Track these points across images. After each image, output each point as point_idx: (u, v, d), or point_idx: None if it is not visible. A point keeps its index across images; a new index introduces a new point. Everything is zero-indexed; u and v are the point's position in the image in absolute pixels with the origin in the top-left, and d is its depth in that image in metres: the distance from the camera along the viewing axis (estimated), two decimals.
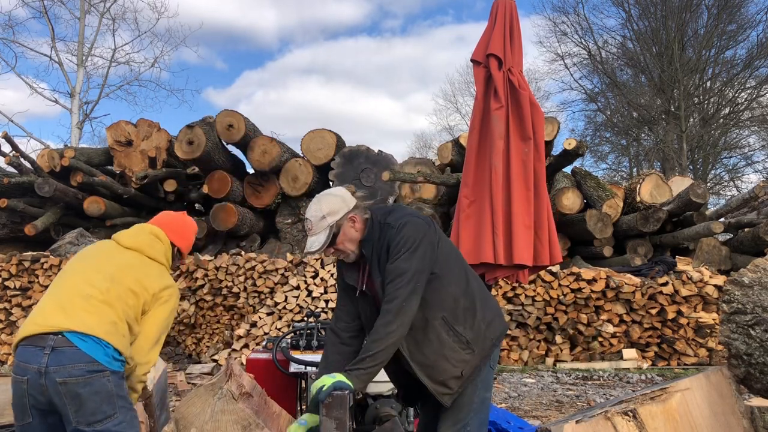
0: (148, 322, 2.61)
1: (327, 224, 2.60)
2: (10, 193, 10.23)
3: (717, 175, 25.76)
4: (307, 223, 2.64)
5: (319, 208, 2.63)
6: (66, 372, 2.30)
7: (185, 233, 2.96)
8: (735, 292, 3.02)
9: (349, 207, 2.65)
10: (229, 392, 2.72)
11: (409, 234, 2.54)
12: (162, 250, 2.78)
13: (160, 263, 2.75)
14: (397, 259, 2.52)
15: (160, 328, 2.64)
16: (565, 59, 26.44)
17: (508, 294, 8.14)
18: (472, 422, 2.68)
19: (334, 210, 2.62)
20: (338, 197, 2.67)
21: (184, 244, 2.93)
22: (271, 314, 8.24)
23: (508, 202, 3.77)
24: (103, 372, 2.36)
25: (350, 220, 2.64)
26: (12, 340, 8.73)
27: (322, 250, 2.64)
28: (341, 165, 10.10)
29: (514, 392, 6.69)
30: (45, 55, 20.98)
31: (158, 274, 2.71)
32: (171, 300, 2.68)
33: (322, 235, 2.60)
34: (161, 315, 2.64)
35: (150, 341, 2.60)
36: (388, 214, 2.67)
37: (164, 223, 2.89)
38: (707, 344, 7.99)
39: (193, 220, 3.09)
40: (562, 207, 9.43)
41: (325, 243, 2.60)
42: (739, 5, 23.38)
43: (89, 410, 2.30)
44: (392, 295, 2.49)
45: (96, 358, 2.35)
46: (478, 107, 3.94)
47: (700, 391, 2.81)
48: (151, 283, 2.64)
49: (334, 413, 2.43)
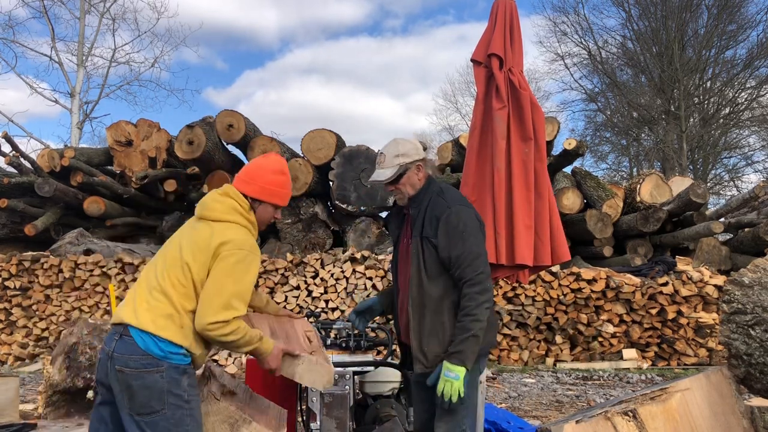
0: (207, 284, 2.44)
1: (398, 162, 2.84)
2: (10, 193, 10.23)
3: (717, 175, 25.76)
4: (380, 156, 2.88)
5: (396, 146, 2.88)
6: (123, 361, 2.39)
7: (253, 176, 2.66)
8: (735, 292, 3.02)
9: (420, 156, 2.90)
10: (210, 394, 2.72)
11: (469, 221, 2.75)
12: (227, 206, 2.58)
13: (226, 221, 2.54)
14: (466, 241, 2.69)
15: (220, 286, 2.41)
16: (565, 59, 26.48)
17: (508, 294, 8.14)
18: (465, 422, 2.76)
19: (409, 153, 2.87)
20: (413, 144, 2.92)
21: (253, 189, 2.63)
22: None
23: (510, 202, 3.77)
24: (158, 367, 2.37)
25: (417, 167, 2.88)
26: (12, 340, 8.74)
27: (386, 183, 2.87)
28: (341, 165, 10.09)
29: (514, 392, 6.69)
30: (45, 55, 21.02)
31: (216, 231, 2.50)
32: (232, 256, 2.44)
33: (391, 170, 2.84)
34: (219, 273, 2.43)
35: (207, 304, 2.40)
36: (442, 190, 2.87)
37: (236, 176, 2.71)
38: (707, 344, 7.99)
39: (276, 159, 2.75)
40: (562, 207, 9.43)
41: (391, 177, 2.84)
42: (739, 5, 23.39)
43: (138, 402, 2.37)
44: (475, 278, 2.67)
45: (151, 352, 2.37)
46: (479, 107, 3.93)
47: (700, 391, 2.81)
48: (207, 244, 2.47)
49: (334, 413, 2.43)
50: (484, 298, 2.66)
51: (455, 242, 2.68)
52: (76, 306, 8.65)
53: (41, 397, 5.38)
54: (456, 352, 2.65)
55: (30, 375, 7.85)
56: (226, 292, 2.41)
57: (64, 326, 8.48)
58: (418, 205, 2.84)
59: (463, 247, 2.68)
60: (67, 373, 5.25)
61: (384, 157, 2.88)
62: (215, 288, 2.41)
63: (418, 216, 2.82)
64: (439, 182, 2.95)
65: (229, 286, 2.41)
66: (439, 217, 2.73)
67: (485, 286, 2.67)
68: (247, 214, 2.61)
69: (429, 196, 2.84)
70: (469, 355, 2.65)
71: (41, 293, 8.73)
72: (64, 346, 5.33)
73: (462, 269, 2.68)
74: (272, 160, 2.74)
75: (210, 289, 2.42)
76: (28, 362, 8.63)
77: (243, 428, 2.71)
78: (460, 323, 2.66)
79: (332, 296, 8.22)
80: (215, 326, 2.38)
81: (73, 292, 8.70)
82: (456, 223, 2.70)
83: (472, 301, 2.64)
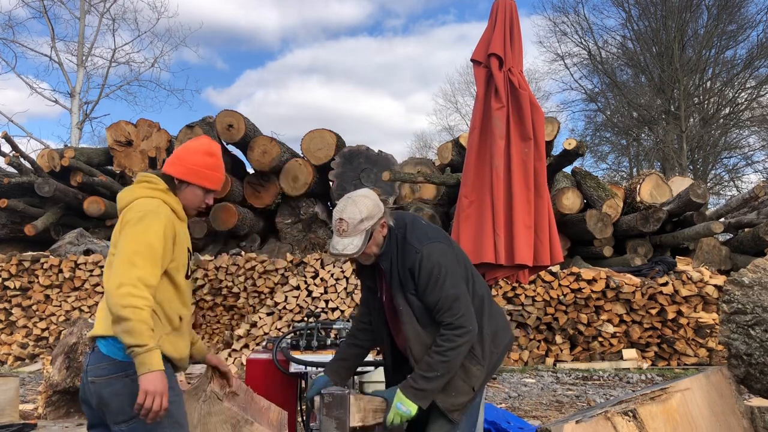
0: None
1: (363, 228, 2.57)
2: (10, 193, 10.24)
3: (717, 175, 25.77)
4: (342, 223, 2.58)
5: (357, 210, 2.58)
6: (93, 372, 2.33)
7: (179, 156, 2.52)
8: (735, 292, 3.02)
9: (382, 212, 2.64)
10: (213, 393, 2.71)
11: (440, 260, 2.59)
12: (134, 188, 2.46)
13: (134, 199, 2.41)
14: (442, 285, 2.56)
15: (122, 250, 2.25)
16: (565, 59, 26.48)
17: (508, 294, 8.14)
18: (461, 424, 2.70)
19: (372, 215, 2.60)
20: (373, 201, 2.65)
21: (178, 170, 2.48)
22: (271, 314, 8.24)
23: (509, 202, 3.77)
24: (126, 371, 2.28)
25: (381, 226, 2.64)
26: (12, 340, 8.74)
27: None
28: (341, 165, 10.09)
29: (514, 392, 6.69)
30: (45, 55, 21.05)
31: (124, 205, 2.40)
32: (132, 219, 2.29)
33: (359, 238, 2.58)
34: (121, 240, 2.28)
35: (114, 271, 2.23)
36: (406, 231, 2.67)
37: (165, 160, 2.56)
38: (707, 344, 7.99)
39: (206, 140, 2.59)
40: (562, 207, 9.43)
41: (362, 247, 2.58)
42: (739, 5, 23.39)
43: (114, 411, 2.31)
44: (456, 322, 2.55)
45: (115, 357, 2.30)
46: (479, 107, 3.94)
47: (700, 391, 2.81)
48: (119, 229, 2.34)
49: (334, 413, 2.43)
50: (461, 341, 2.55)
51: (431, 289, 2.57)
52: (76, 306, 8.65)
53: (41, 397, 5.38)
54: (417, 389, 2.55)
55: (30, 375, 7.86)
56: (128, 251, 2.24)
57: (64, 326, 8.48)
58: (388, 258, 2.66)
59: (440, 292, 2.56)
60: (67, 373, 5.25)
61: (346, 224, 2.57)
62: (119, 255, 2.26)
63: (391, 270, 2.66)
64: (396, 218, 2.74)
65: (129, 246, 2.25)
66: (412, 269, 2.60)
67: (467, 329, 2.56)
68: (162, 192, 2.44)
69: (394, 244, 2.65)
70: (428, 395, 2.55)
71: (41, 293, 8.74)
72: (64, 346, 5.34)
73: (442, 314, 2.57)
74: (201, 141, 2.56)
75: (120, 254, 2.26)
76: (28, 362, 8.63)
77: (245, 429, 2.71)
78: (429, 359, 2.56)
79: (332, 296, 8.22)
80: (119, 291, 2.17)
81: (73, 292, 8.71)
82: (430, 269, 2.57)
83: (449, 342, 2.54)
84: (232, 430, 2.69)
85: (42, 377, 5.89)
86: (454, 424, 2.68)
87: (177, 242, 2.40)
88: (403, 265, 2.62)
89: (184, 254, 2.46)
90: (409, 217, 2.78)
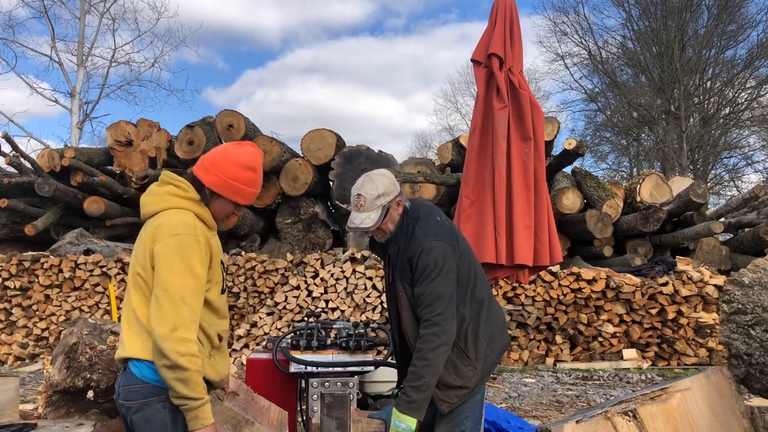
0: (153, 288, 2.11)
1: (380, 204, 2.67)
2: (10, 193, 10.23)
3: (717, 175, 25.78)
4: (360, 199, 2.68)
5: (375, 187, 2.67)
6: (125, 394, 2.19)
7: (217, 165, 2.26)
8: (735, 292, 3.02)
9: (398, 190, 2.73)
10: (214, 394, 2.72)
11: (438, 258, 2.60)
12: (161, 194, 2.26)
13: (162, 210, 2.22)
14: (431, 281, 2.57)
15: (163, 285, 2.07)
16: (565, 59, 26.50)
17: (508, 294, 8.14)
18: (466, 423, 2.73)
19: (389, 191, 2.68)
20: (390, 179, 2.73)
21: (212, 180, 2.24)
22: (271, 314, 8.24)
23: (509, 202, 3.77)
24: (159, 396, 2.13)
25: (397, 203, 2.73)
26: (12, 340, 8.74)
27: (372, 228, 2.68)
28: (341, 165, 10.08)
29: (514, 392, 6.69)
30: (45, 55, 21.03)
31: (151, 226, 2.18)
32: (166, 247, 2.09)
33: (375, 213, 2.67)
34: (159, 271, 2.09)
35: (154, 310, 2.06)
36: (416, 223, 2.72)
37: (200, 158, 2.37)
38: (707, 344, 7.99)
39: (250, 151, 2.33)
40: (562, 207, 9.44)
41: (378, 221, 2.66)
42: (739, 5, 23.39)
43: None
44: (433, 319, 2.55)
45: (149, 380, 2.14)
46: (479, 107, 3.94)
47: (700, 391, 2.81)
48: (145, 245, 2.15)
49: (334, 413, 2.43)
50: (440, 341, 2.52)
51: (420, 282, 2.59)
52: (76, 306, 8.65)
53: (41, 397, 5.37)
54: (410, 402, 2.52)
55: (30, 375, 7.85)
56: (177, 286, 2.07)
57: (64, 326, 8.48)
58: (396, 244, 2.73)
59: (426, 286, 2.57)
60: (67, 373, 5.24)
61: (363, 199, 2.66)
62: (168, 292, 2.07)
63: (398, 257, 2.73)
64: (413, 205, 2.80)
65: (176, 280, 2.07)
66: (411, 259, 2.64)
67: (443, 327, 2.53)
68: (193, 203, 2.24)
69: (405, 232, 2.71)
70: (422, 404, 2.53)
71: (41, 293, 8.73)
72: (64, 346, 5.33)
73: (422, 308, 2.58)
74: (244, 151, 2.31)
75: (155, 292, 2.09)
76: (28, 362, 8.63)
77: (245, 429, 2.71)
78: (413, 367, 2.54)
79: (332, 296, 8.22)
80: (175, 335, 2.03)
81: (73, 292, 8.70)
82: (425, 263, 2.59)
83: (427, 344, 2.52)
84: (233, 430, 2.69)
85: (42, 377, 5.89)
86: (459, 426, 2.69)
87: (213, 261, 2.25)
88: (406, 254, 2.68)
89: (218, 270, 2.30)
90: (425, 209, 2.82)
